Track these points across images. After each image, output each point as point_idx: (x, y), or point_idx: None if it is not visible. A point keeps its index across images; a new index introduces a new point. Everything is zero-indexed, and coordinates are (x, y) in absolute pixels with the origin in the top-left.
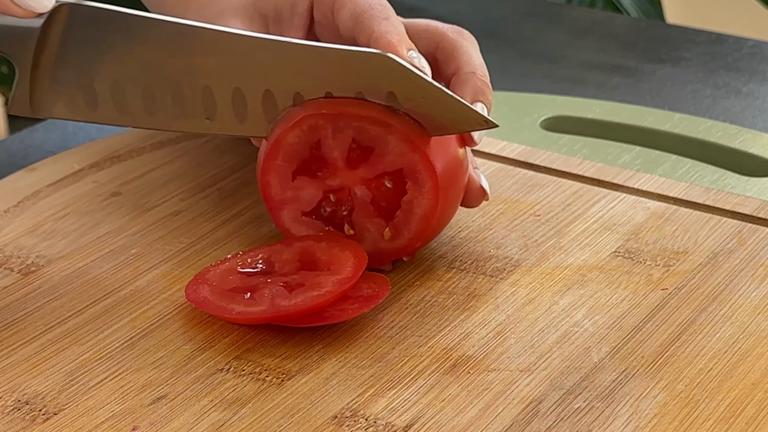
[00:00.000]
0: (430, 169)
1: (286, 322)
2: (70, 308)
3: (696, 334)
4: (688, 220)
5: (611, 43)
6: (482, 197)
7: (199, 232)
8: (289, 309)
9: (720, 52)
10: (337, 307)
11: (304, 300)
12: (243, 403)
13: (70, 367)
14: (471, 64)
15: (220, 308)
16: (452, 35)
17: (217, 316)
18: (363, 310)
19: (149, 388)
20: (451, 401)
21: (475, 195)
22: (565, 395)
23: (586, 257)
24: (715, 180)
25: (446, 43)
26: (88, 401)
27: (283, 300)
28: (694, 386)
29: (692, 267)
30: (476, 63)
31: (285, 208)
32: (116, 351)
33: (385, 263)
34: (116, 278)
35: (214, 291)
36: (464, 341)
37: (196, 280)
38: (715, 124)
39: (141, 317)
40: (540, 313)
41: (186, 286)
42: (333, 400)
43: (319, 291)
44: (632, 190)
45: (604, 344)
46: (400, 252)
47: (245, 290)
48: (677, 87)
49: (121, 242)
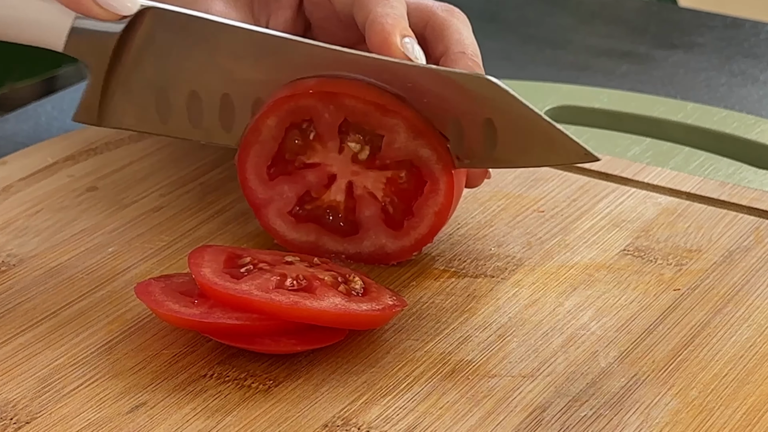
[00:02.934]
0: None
1: (217, 334)
2: (43, 310)
3: (710, 337)
4: (701, 217)
5: (620, 27)
6: (484, 176)
7: (181, 230)
8: (224, 321)
9: (736, 38)
10: (277, 337)
11: (239, 317)
12: (227, 412)
13: (43, 373)
14: (461, 43)
15: (156, 302)
16: (442, 14)
17: (153, 310)
18: (308, 347)
19: (127, 396)
20: (450, 409)
21: (477, 174)
22: (570, 402)
23: (593, 256)
24: (730, 173)
25: (435, 21)
26: (63, 409)
27: (221, 312)
28: (708, 393)
29: (706, 266)
30: (466, 42)
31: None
32: (92, 356)
33: (388, 262)
34: (92, 278)
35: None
36: (463, 345)
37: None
38: (731, 114)
39: (119, 320)
40: (544, 315)
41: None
42: (323, 408)
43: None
44: (642, 185)
45: (612, 348)
46: (405, 253)
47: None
48: (690, 74)
49: (98, 240)
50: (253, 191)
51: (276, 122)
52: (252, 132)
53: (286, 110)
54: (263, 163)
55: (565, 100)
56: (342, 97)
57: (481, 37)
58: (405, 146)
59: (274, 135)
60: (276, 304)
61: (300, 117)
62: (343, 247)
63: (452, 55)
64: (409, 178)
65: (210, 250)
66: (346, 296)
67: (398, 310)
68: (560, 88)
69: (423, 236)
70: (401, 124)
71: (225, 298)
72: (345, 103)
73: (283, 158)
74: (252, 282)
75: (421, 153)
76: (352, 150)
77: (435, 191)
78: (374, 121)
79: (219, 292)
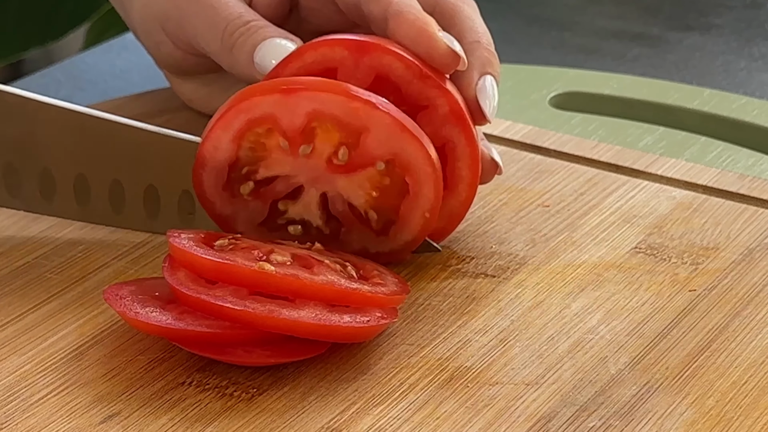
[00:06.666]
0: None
1: (186, 342)
2: (9, 313)
3: (728, 341)
4: (719, 212)
5: (631, 7)
6: (494, 171)
7: None
8: (193, 329)
9: (756, 19)
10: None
11: (210, 325)
12: (207, 422)
13: (8, 381)
14: (475, 31)
15: (124, 306)
16: None
17: (120, 315)
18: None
19: (100, 405)
20: (447, 419)
21: (487, 169)
22: (578, 412)
23: (602, 254)
24: (750, 165)
25: (445, 6)
26: (30, 419)
27: (191, 319)
28: (726, 402)
29: (724, 265)
30: (480, 30)
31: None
32: (62, 362)
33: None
34: (62, 278)
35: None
36: (462, 350)
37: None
38: (751, 101)
39: (90, 323)
40: (549, 319)
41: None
42: (311, 418)
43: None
44: (655, 177)
45: (622, 354)
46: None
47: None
48: (707, 58)
49: (68, 237)
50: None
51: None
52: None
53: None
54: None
55: (571, 85)
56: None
57: (482, 18)
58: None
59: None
60: (250, 313)
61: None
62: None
63: (467, 44)
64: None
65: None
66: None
67: (386, 323)
68: (566, 73)
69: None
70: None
71: (195, 304)
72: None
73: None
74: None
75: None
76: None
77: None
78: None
79: (188, 297)
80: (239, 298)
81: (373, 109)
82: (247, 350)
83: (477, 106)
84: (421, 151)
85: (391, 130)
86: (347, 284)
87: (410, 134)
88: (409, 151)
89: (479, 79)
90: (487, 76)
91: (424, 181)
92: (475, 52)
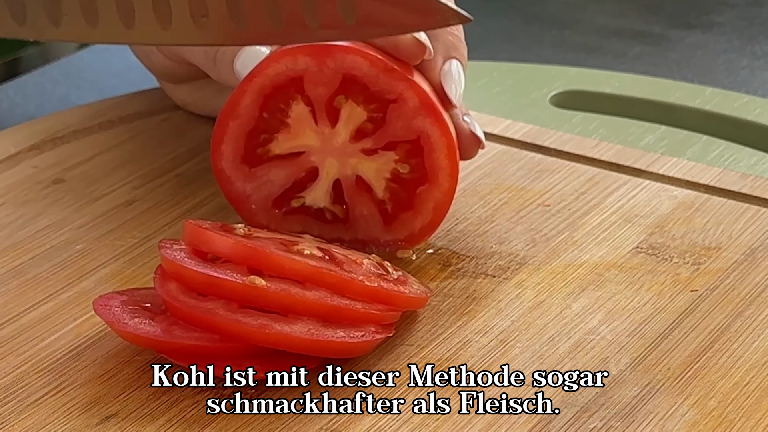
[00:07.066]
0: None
1: (175, 355)
2: (5, 313)
3: (731, 342)
4: (721, 211)
5: (632, 5)
6: (477, 146)
7: (155, 225)
8: (181, 341)
9: (759, 17)
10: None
11: (200, 337)
12: (205, 424)
13: (5, 381)
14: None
15: (113, 317)
16: None
17: (109, 325)
18: None
19: (97, 406)
20: (447, 419)
21: (468, 144)
22: (579, 413)
23: (603, 254)
24: (752, 164)
25: None
26: (26, 421)
27: (180, 331)
28: (728, 403)
29: (726, 265)
30: None
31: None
32: (59, 362)
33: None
34: (59, 278)
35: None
36: (462, 351)
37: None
38: (753, 100)
39: (87, 323)
40: (549, 319)
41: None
42: (310, 419)
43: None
44: (657, 177)
45: (624, 354)
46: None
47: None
48: (709, 57)
49: (65, 237)
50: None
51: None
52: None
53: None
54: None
55: (572, 84)
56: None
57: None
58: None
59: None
60: (242, 327)
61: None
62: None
63: (431, 30)
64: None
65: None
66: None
67: (380, 338)
68: (567, 72)
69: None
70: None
71: (185, 316)
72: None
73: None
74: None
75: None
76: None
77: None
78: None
79: (178, 309)
80: (230, 311)
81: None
82: (236, 365)
83: (442, 91)
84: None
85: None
86: (339, 301)
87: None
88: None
89: (444, 64)
90: (452, 61)
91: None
92: (439, 37)
